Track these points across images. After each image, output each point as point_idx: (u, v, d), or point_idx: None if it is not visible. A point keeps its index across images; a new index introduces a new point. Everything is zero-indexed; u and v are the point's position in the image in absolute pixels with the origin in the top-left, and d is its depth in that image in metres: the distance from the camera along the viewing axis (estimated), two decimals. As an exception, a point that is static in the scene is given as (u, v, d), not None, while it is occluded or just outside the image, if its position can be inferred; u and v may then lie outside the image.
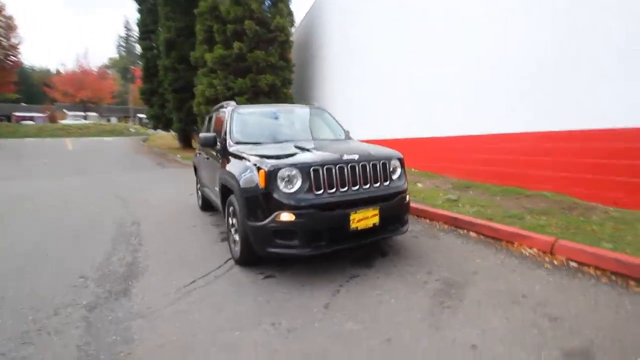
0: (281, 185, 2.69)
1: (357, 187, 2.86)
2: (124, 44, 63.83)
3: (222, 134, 3.76)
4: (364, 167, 2.91)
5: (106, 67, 60.78)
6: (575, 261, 3.09)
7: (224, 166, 3.37)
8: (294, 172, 2.69)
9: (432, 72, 7.70)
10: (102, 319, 2.31)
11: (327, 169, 2.74)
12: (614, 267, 2.82)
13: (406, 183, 3.14)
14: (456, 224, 4.27)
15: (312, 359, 1.87)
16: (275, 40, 13.65)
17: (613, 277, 2.73)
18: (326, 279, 2.74)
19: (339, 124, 4.38)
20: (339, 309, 2.31)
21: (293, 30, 14.26)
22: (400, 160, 3.14)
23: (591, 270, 2.90)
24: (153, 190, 7.81)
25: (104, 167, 13.65)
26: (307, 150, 3.04)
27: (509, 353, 1.90)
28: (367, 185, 2.91)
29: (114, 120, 49.20)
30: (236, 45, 12.78)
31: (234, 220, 3.08)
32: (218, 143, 3.72)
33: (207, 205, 5.40)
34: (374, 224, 2.80)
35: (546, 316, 2.23)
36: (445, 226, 4.33)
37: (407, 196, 3.12)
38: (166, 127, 21.43)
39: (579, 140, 4.81)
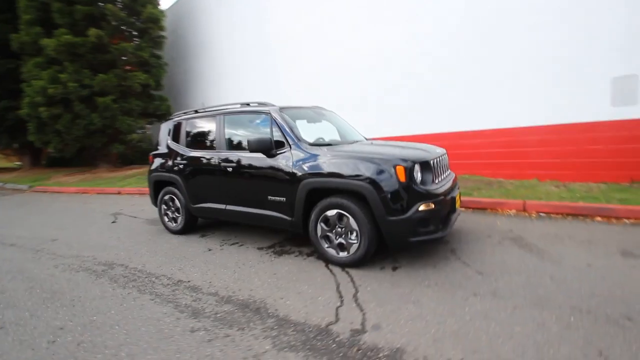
0: (418, 178, 2.79)
1: (445, 175, 3.30)
2: None
3: (282, 138, 3.24)
4: (444, 159, 3.38)
5: None
6: (543, 212, 4.50)
7: (306, 170, 2.99)
8: (423, 166, 2.86)
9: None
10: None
11: (435, 162, 3.05)
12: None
13: None
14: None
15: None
16: (147, 33, 11.53)
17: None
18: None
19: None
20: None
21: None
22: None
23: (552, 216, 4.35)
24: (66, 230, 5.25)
25: None
26: (405, 148, 3.22)
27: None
28: (446, 174, 3.39)
29: None
30: (93, 32, 10.00)
31: (324, 227, 2.88)
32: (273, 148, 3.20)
33: (190, 226, 4.28)
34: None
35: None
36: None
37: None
38: None
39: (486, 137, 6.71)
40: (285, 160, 3.23)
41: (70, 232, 4.93)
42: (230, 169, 3.62)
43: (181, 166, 4.14)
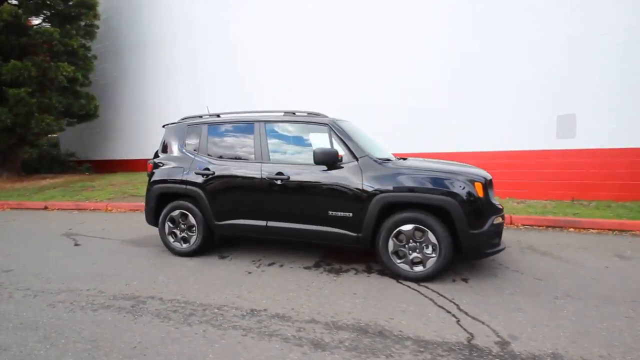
0: (490, 194, 3.01)
1: None
2: None
3: (344, 150, 3.12)
4: None
5: None
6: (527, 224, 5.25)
7: (380, 184, 2.95)
8: (489, 183, 3.10)
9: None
10: None
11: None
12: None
13: None
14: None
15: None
16: (78, 19, 9.75)
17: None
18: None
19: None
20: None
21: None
22: None
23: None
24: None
25: None
26: (464, 166, 3.45)
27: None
28: None
29: None
30: (6, 8, 8.03)
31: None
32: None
33: (205, 247, 3.68)
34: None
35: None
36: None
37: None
38: None
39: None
40: (352, 174, 3.12)
41: (23, 259, 3.78)
42: (278, 182, 3.32)
43: (204, 177, 3.61)
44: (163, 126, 4.14)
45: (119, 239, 4.58)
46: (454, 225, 2.86)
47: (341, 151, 3.27)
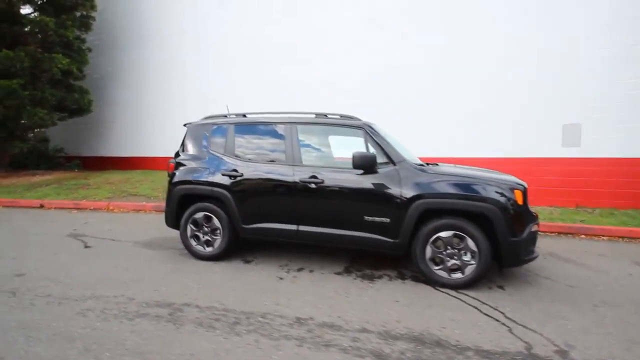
0: (527, 201, 3.03)
1: None
2: None
3: (380, 154, 3.08)
4: None
5: None
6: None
7: (419, 190, 2.95)
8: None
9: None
10: None
11: None
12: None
13: None
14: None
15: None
16: (73, 10, 9.36)
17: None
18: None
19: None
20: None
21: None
22: None
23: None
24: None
25: None
26: (500, 174, 3.45)
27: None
28: None
29: None
30: (-2, -7, 7.62)
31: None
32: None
33: (230, 251, 3.57)
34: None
35: None
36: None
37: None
38: None
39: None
40: (389, 179, 3.09)
41: (32, 263, 3.55)
42: (312, 186, 3.24)
43: (232, 179, 3.49)
44: (184, 125, 3.99)
45: (130, 241, 4.39)
46: (493, 232, 2.87)
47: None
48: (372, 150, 3.23)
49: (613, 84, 6.08)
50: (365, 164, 3.04)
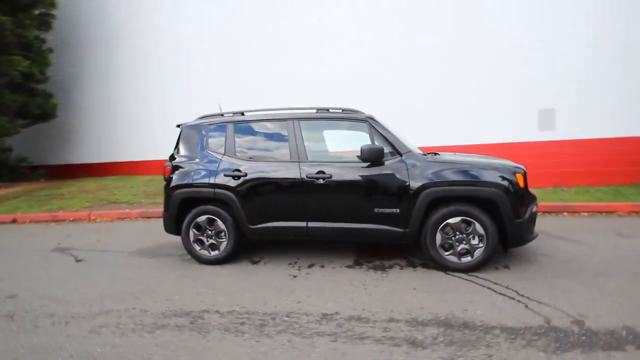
0: (527, 183, 3.17)
1: None
2: None
3: (386, 146, 3.09)
4: None
5: None
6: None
7: (426, 179, 3.01)
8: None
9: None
10: None
11: None
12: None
13: None
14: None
15: None
16: (32, 8, 8.64)
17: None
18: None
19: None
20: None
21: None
22: None
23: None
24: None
25: None
26: (499, 159, 3.57)
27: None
28: None
29: None
30: (-57, -10, 6.89)
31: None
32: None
33: (235, 253, 3.47)
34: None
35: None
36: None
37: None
38: None
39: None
40: (397, 170, 3.13)
41: (22, 282, 3.30)
42: (320, 181, 3.23)
43: (237, 180, 3.40)
44: (177, 126, 3.83)
45: (124, 251, 4.18)
46: (499, 215, 2.99)
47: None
48: (377, 142, 3.25)
49: (589, 69, 6.47)
50: (373, 157, 3.06)
